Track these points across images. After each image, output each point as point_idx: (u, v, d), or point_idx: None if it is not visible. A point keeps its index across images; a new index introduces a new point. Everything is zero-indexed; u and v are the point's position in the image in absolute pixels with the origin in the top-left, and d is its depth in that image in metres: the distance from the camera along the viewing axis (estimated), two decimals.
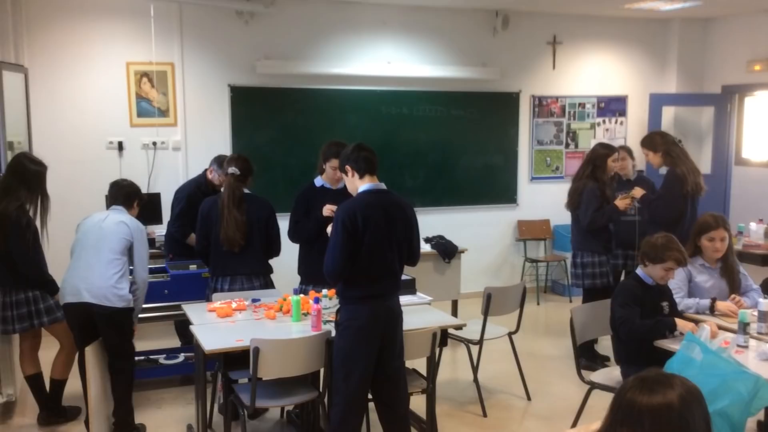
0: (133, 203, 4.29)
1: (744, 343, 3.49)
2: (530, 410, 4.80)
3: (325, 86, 6.95)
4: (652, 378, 1.62)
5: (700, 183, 5.47)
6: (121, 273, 4.04)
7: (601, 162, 5.33)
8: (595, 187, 5.28)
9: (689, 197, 5.42)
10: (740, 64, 7.86)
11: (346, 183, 3.61)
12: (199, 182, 5.46)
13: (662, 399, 1.55)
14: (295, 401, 3.80)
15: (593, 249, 5.38)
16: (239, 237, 4.31)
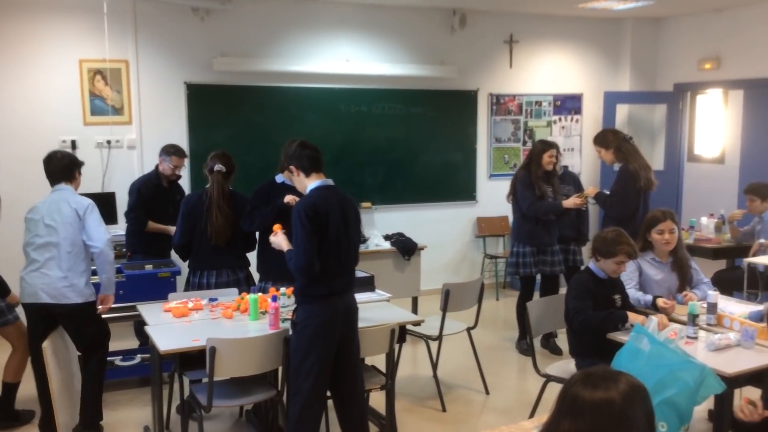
0: (74, 174, 4.18)
1: (693, 335, 3.58)
2: (489, 404, 4.85)
3: (284, 84, 6.92)
4: (597, 374, 1.66)
5: (652, 178, 5.61)
6: (76, 268, 3.97)
7: (537, 157, 5.58)
8: (526, 175, 5.56)
9: (642, 192, 5.55)
10: (691, 62, 8.05)
11: (293, 182, 3.60)
12: (150, 176, 5.52)
13: (604, 394, 1.59)
14: (253, 400, 3.78)
15: (523, 240, 5.64)
16: (228, 232, 4.41)
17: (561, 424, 1.60)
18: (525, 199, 5.56)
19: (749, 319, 3.69)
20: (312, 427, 3.44)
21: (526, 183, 5.58)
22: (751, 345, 3.44)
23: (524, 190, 5.58)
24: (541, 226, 5.62)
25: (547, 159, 5.57)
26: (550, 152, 5.57)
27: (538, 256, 5.66)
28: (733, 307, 4.06)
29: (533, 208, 5.55)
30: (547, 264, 5.68)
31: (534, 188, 5.56)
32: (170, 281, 4.90)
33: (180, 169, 5.50)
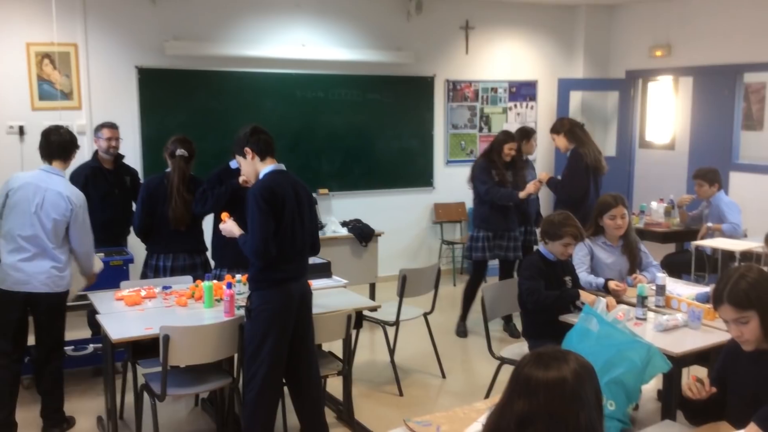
0: (71, 155, 4.05)
1: (642, 316, 3.67)
2: (445, 387, 4.91)
3: (239, 69, 6.83)
4: (548, 354, 1.69)
5: (602, 162, 5.71)
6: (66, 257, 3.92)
7: (498, 147, 5.69)
8: (485, 162, 5.68)
9: (591, 175, 5.65)
10: (643, 50, 8.19)
11: (242, 166, 3.57)
12: (86, 163, 5.37)
13: (557, 374, 1.62)
14: (209, 388, 3.75)
15: (478, 224, 5.77)
16: (188, 217, 4.42)
17: (515, 404, 1.63)
18: (483, 184, 5.65)
19: (696, 301, 3.80)
20: (268, 413, 3.43)
21: (484, 169, 5.68)
22: (697, 325, 3.55)
23: (482, 175, 5.67)
24: (496, 212, 5.70)
25: (506, 150, 5.67)
26: (510, 144, 5.69)
27: (493, 241, 5.75)
28: (681, 289, 4.18)
29: (491, 193, 5.64)
30: (503, 249, 5.77)
31: (492, 174, 5.64)
32: (123, 269, 4.82)
33: (115, 141, 5.33)
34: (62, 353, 4.15)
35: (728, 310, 2.34)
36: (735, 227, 5.79)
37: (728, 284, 2.35)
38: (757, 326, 2.33)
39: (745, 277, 2.35)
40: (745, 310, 2.32)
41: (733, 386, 2.47)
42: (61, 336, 4.10)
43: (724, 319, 2.40)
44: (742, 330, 2.35)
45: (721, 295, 2.36)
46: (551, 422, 1.58)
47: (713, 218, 5.94)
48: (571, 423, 1.58)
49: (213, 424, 4.20)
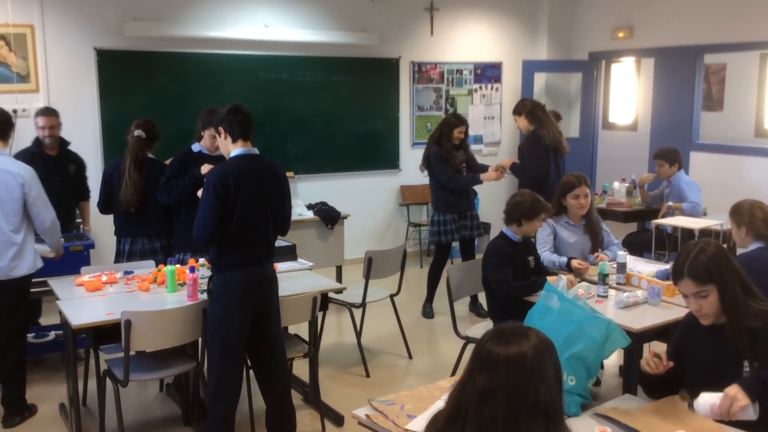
0: (8, 135, 3.95)
1: (604, 293, 3.73)
2: (411, 368, 4.94)
3: (201, 50, 6.72)
4: (509, 330, 1.72)
5: (562, 142, 5.77)
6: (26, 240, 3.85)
7: (448, 131, 5.70)
8: (439, 150, 5.69)
9: (551, 155, 5.69)
10: (605, 31, 8.25)
11: (219, 145, 3.53)
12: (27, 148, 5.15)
13: (518, 349, 1.65)
14: (172, 373, 3.73)
15: (442, 208, 5.79)
16: (135, 199, 4.41)
17: (476, 380, 1.65)
18: (444, 173, 5.69)
19: (656, 278, 3.87)
20: (230, 396, 3.41)
21: (440, 158, 5.71)
22: (657, 302, 3.62)
23: (440, 164, 5.71)
24: (458, 194, 5.78)
25: (456, 134, 5.73)
26: (460, 128, 5.74)
27: (459, 222, 5.82)
28: (641, 266, 4.25)
29: (453, 181, 5.70)
30: (467, 228, 5.86)
31: (449, 161, 5.70)
32: (83, 255, 4.74)
33: (51, 129, 5.10)
34: (24, 340, 4.08)
35: (689, 284, 2.37)
36: (695, 206, 5.89)
37: (688, 259, 2.38)
38: (715, 300, 2.37)
39: (704, 251, 2.38)
40: (704, 284, 2.35)
41: (690, 360, 2.51)
42: (23, 322, 4.04)
43: (684, 293, 2.43)
44: (701, 304, 2.39)
45: (682, 269, 2.38)
46: (511, 396, 1.61)
47: (674, 197, 6.04)
48: (531, 396, 1.61)
49: (178, 408, 4.17)
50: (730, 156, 7.21)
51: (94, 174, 6.33)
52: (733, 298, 2.36)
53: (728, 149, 7.30)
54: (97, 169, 6.35)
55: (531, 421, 1.60)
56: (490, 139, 8.51)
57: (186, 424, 4.01)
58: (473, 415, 1.63)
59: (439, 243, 5.86)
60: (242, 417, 3.80)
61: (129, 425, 3.89)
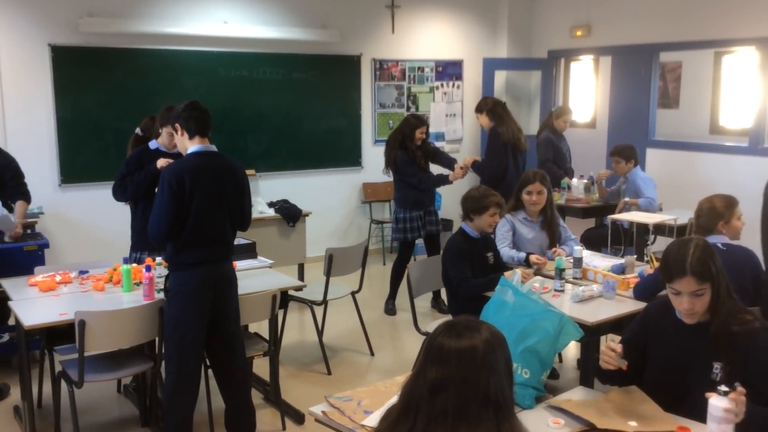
0: None
1: (560, 288, 3.79)
2: (373, 365, 4.95)
3: (158, 46, 6.62)
4: (461, 324, 1.74)
5: (521, 140, 5.82)
6: None
7: (410, 132, 5.75)
8: (405, 155, 5.74)
9: (510, 152, 5.75)
10: (564, 29, 8.35)
11: (176, 142, 3.49)
12: None
13: (469, 342, 1.68)
14: (129, 373, 3.69)
15: (408, 206, 5.82)
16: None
17: (428, 372, 1.67)
18: (413, 175, 5.75)
19: (611, 272, 3.94)
20: (188, 396, 3.38)
21: (408, 161, 5.75)
22: (612, 296, 3.68)
23: (409, 168, 5.74)
24: (422, 192, 5.83)
25: (418, 135, 5.77)
26: (422, 129, 5.79)
27: (425, 218, 5.88)
28: (597, 261, 4.32)
29: (424, 182, 5.78)
30: (432, 224, 5.94)
31: (416, 163, 5.76)
32: (38, 255, 4.64)
33: None
34: None
35: (690, 282, 2.28)
36: (651, 201, 6.00)
37: (689, 256, 2.29)
38: (708, 300, 2.32)
39: (702, 248, 2.32)
40: (704, 282, 2.29)
41: (655, 354, 2.49)
42: None
43: (679, 290, 2.32)
44: (695, 303, 2.31)
45: (683, 266, 2.28)
46: (462, 388, 1.63)
47: (630, 193, 6.15)
48: (482, 389, 1.63)
49: (136, 409, 4.12)
50: (685, 152, 7.36)
51: (50, 173, 6.24)
52: (724, 298, 2.33)
53: (684, 146, 7.45)
54: (52, 168, 6.25)
55: (481, 412, 1.62)
56: (452, 137, 8.56)
57: (144, 424, 3.97)
58: (425, 407, 1.65)
59: (404, 240, 5.89)
60: (201, 417, 3.77)
61: (85, 427, 3.82)
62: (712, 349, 2.34)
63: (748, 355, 2.28)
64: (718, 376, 2.33)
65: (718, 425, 2.06)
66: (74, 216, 6.35)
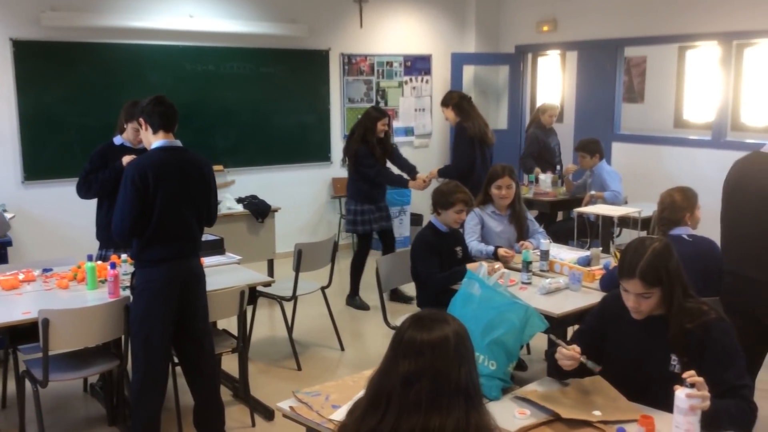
0: None
1: (528, 280, 3.83)
2: (343, 360, 4.95)
3: (123, 41, 6.53)
4: (427, 317, 1.77)
5: (488, 134, 5.86)
6: None
7: (372, 124, 5.75)
8: (365, 146, 5.73)
9: (477, 147, 5.77)
10: (530, 25, 8.42)
11: (141, 137, 3.45)
12: None
13: (440, 333, 1.72)
14: (94, 372, 3.63)
15: (360, 199, 5.86)
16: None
17: (399, 366, 1.69)
18: (372, 167, 5.75)
19: (577, 264, 3.99)
20: (155, 394, 3.35)
21: (368, 153, 5.75)
22: (578, 287, 3.73)
23: (367, 160, 5.75)
24: (376, 186, 5.87)
25: (380, 127, 5.77)
26: (383, 120, 5.79)
27: (377, 213, 5.91)
28: (564, 254, 4.37)
29: (382, 176, 5.80)
30: (385, 219, 5.99)
31: (374, 156, 5.77)
32: (0, 253, 4.56)
33: None
34: None
35: (636, 285, 2.32)
36: (616, 195, 6.09)
37: (642, 259, 2.31)
38: (656, 301, 2.36)
39: (655, 252, 2.33)
40: (652, 287, 2.33)
41: (613, 346, 2.51)
42: None
43: (627, 290, 2.37)
44: (641, 303, 2.36)
45: (633, 269, 2.32)
46: (436, 378, 1.67)
47: (596, 187, 6.23)
48: (453, 378, 1.68)
49: (103, 408, 4.07)
50: (650, 146, 7.47)
51: (13, 170, 6.11)
52: (676, 301, 2.35)
53: (648, 140, 7.56)
54: (15, 165, 6.13)
55: (452, 402, 1.66)
56: (421, 131, 8.58)
57: (111, 423, 3.92)
58: (396, 400, 1.67)
59: (355, 232, 5.96)
60: (169, 414, 3.74)
61: (51, 427, 3.77)
62: (670, 341, 2.38)
63: (703, 346, 2.32)
64: (676, 367, 2.37)
65: (684, 417, 2.10)
66: (38, 213, 6.24)
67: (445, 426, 1.63)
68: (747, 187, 3.26)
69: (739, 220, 3.31)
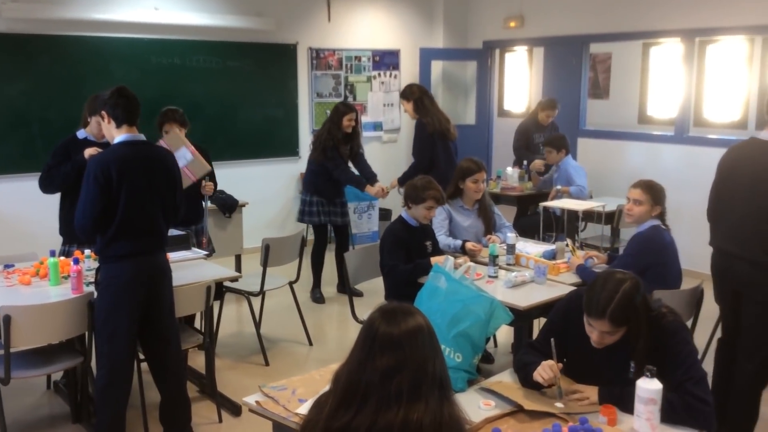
0: None
1: (494, 274, 3.87)
2: (311, 355, 4.95)
3: (86, 33, 6.41)
4: (396, 310, 1.78)
5: (450, 129, 5.84)
6: None
7: (338, 119, 5.78)
8: (329, 139, 5.76)
9: (438, 141, 5.76)
10: (498, 20, 8.47)
11: (103, 130, 3.40)
12: None
13: (414, 324, 1.74)
14: (58, 369, 3.58)
15: (311, 191, 5.92)
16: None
17: (377, 361, 1.70)
18: (332, 159, 5.77)
19: (543, 258, 4.04)
20: (120, 391, 3.31)
21: (333, 148, 5.77)
22: (543, 281, 3.78)
23: (331, 153, 5.77)
24: (330, 182, 5.89)
25: (346, 122, 5.79)
26: (350, 115, 5.80)
27: (327, 207, 5.93)
28: (530, 247, 4.42)
29: (340, 172, 5.82)
30: (336, 215, 6.00)
31: (338, 152, 5.79)
32: None
33: None
34: None
35: (605, 325, 2.32)
36: (581, 189, 6.17)
37: (612, 302, 2.29)
38: (620, 335, 2.36)
39: (627, 295, 2.31)
40: (620, 327, 2.33)
41: (574, 347, 2.51)
42: None
43: (593, 326, 2.36)
44: (605, 337, 2.36)
45: (603, 310, 2.30)
46: (416, 369, 1.69)
47: (562, 181, 6.31)
48: (430, 368, 1.71)
49: (67, 406, 4.01)
50: (615, 141, 7.57)
51: None
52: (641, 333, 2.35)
53: (613, 135, 7.67)
54: None
55: (429, 392, 1.69)
56: (390, 126, 8.59)
57: (75, 421, 3.87)
58: (375, 394, 1.68)
59: (302, 221, 6.02)
60: (135, 411, 3.70)
61: (14, 425, 3.72)
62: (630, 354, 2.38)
63: (658, 350, 2.34)
64: (632, 374, 2.37)
65: (645, 406, 2.15)
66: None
67: (423, 417, 1.66)
68: (741, 170, 3.35)
69: (731, 201, 3.39)
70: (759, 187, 3.23)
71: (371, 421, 1.66)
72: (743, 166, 3.35)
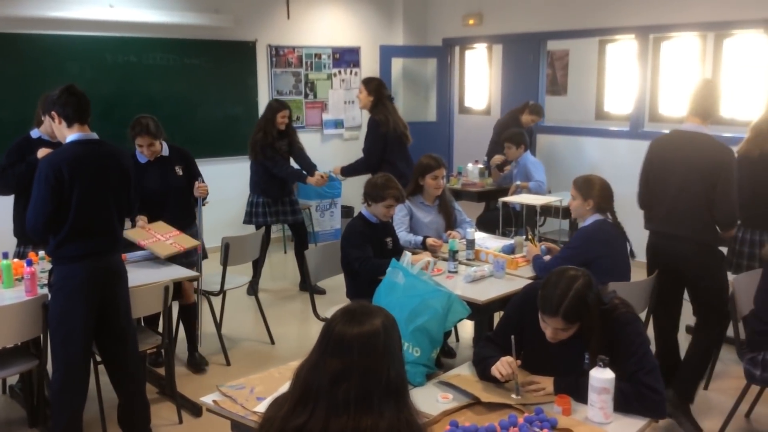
0: None
1: (454, 269, 3.90)
2: (273, 353, 4.93)
3: (39, 31, 6.28)
4: (357, 310, 1.74)
5: (406, 134, 5.73)
6: None
7: (271, 116, 5.85)
8: (264, 138, 5.82)
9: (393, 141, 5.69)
10: (457, 18, 8.52)
11: (54, 130, 3.33)
12: None
13: (370, 328, 1.68)
14: (12, 372, 3.51)
15: (258, 192, 6.01)
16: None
17: (327, 363, 1.65)
18: (271, 158, 5.82)
19: (502, 252, 4.09)
20: (76, 393, 3.26)
21: (266, 145, 5.82)
22: (502, 275, 3.83)
23: (267, 151, 5.82)
24: (275, 181, 5.93)
25: (279, 119, 5.83)
26: (283, 112, 5.85)
27: (274, 207, 5.98)
28: (490, 242, 4.48)
29: (280, 168, 5.85)
30: (286, 213, 6.06)
31: (275, 149, 5.83)
32: None
33: None
34: None
35: (558, 322, 2.36)
36: (540, 184, 6.25)
37: (565, 300, 2.33)
38: (574, 331, 2.40)
39: (579, 293, 2.35)
40: (573, 324, 2.37)
41: (529, 340, 2.54)
42: None
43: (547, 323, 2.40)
44: (559, 333, 2.40)
45: (557, 309, 2.34)
46: (364, 377, 1.63)
47: (521, 177, 6.38)
48: (383, 376, 1.65)
49: (23, 410, 3.93)
50: (572, 137, 7.69)
51: None
52: (594, 328, 2.39)
53: (571, 131, 7.78)
54: None
55: (383, 401, 1.63)
56: (351, 123, 8.59)
57: (32, 425, 3.79)
58: (324, 397, 1.63)
59: (248, 223, 6.05)
60: (92, 414, 3.65)
61: None
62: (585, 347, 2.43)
63: (611, 342, 2.39)
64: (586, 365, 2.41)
65: (598, 395, 2.20)
66: None
67: (378, 426, 1.60)
68: (673, 159, 3.72)
69: (665, 185, 3.75)
70: (691, 175, 3.62)
71: (323, 427, 1.61)
72: (674, 156, 3.71)
